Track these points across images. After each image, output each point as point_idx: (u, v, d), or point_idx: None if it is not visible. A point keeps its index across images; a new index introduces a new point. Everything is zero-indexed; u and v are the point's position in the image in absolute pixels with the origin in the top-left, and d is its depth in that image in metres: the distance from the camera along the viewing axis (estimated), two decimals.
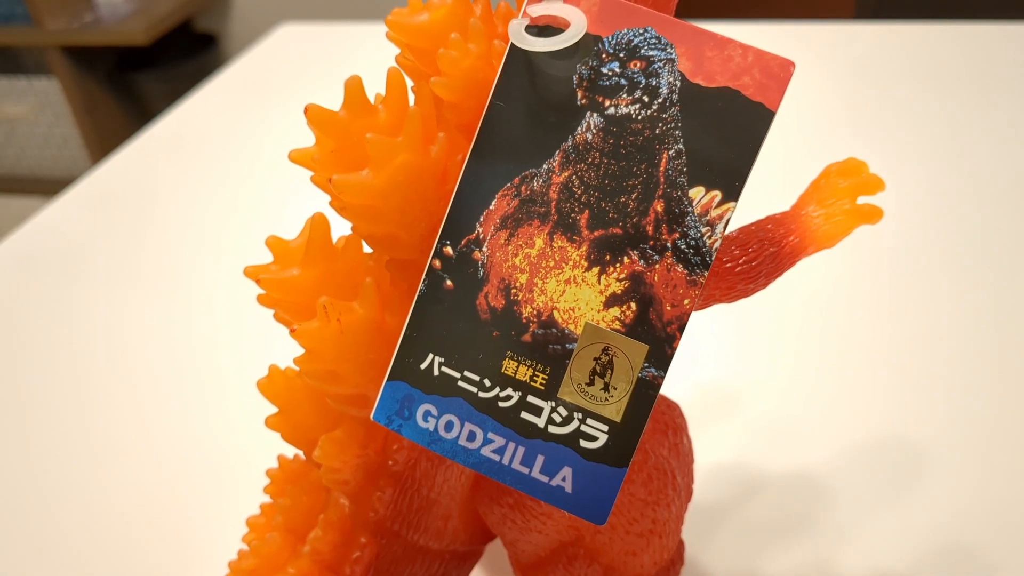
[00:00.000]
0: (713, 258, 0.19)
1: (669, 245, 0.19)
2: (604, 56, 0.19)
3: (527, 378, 0.20)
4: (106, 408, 0.43)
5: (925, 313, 0.44)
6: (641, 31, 0.19)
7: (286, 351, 0.24)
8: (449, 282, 0.20)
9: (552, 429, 0.20)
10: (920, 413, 0.38)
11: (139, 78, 1.44)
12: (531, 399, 0.20)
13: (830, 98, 0.64)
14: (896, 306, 0.44)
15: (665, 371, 0.20)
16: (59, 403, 0.44)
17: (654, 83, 0.19)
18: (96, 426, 0.42)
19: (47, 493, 0.39)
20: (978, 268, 0.46)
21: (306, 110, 0.20)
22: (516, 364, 0.20)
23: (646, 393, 0.20)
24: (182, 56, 1.46)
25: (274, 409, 0.24)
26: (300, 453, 0.26)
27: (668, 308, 0.20)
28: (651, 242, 0.20)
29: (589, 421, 0.20)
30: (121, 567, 0.35)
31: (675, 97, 0.19)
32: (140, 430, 0.42)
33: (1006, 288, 0.45)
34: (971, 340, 0.42)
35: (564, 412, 0.20)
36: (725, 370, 0.42)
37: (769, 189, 0.30)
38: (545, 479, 0.20)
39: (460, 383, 0.20)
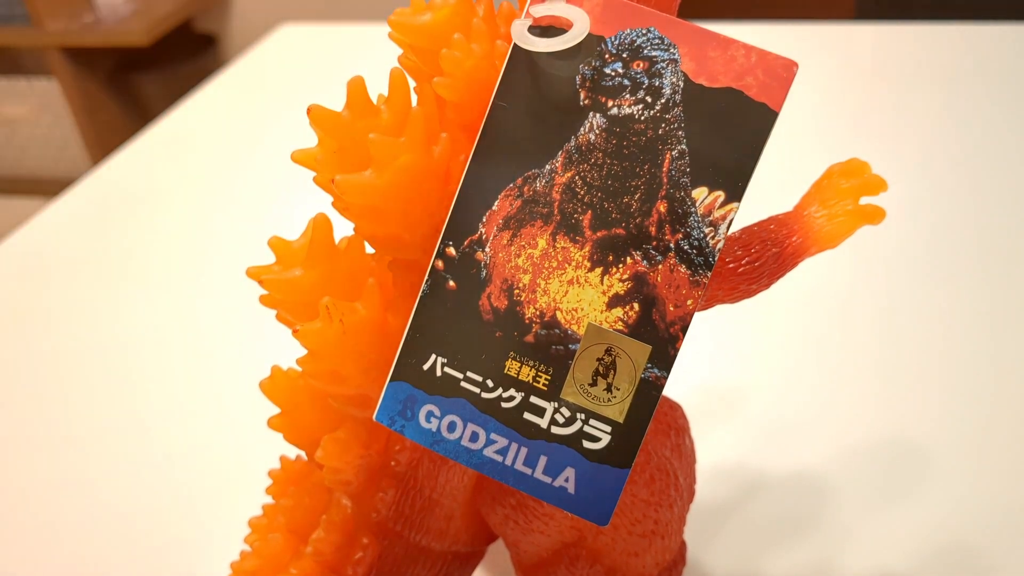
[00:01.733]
0: (716, 259, 0.19)
1: (672, 246, 0.19)
2: (607, 56, 0.19)
3: (530, 379, 0.20)
4: (107, 409, 0.43)
5: (927, 313, 0.44)
6: (644, 31, 0.19)
7: (288, 352, 0.23)
8: (452, 283, 0.20)
9: (555, 430, 0.20)
10: (921, 413, 0.38)
11: (139, 79, 1.44)
12: (534, 400, 0.20)
13: (832, 98, 0.64)
14: (898, 306, 0.44)
15: (668, 372, 0.20)
16: (60, 404, 0.44)
17: (657, 83, 0.19)
18: (97, 427, 0.42)
19: (48, 494, 0.39)
20: (979, 268, 0.46)
21: (309, 110, 0.20)
22: (519, 365, 0.20)
23: (649, 394, 0.20)
24: (182, 57, 1.46)
25: (276, 410, 0.24)
26: (302, 454, 0.26)
27: (671, 309, 0.20)
28: (654, 243, 0.20)
29: (592, 422, 0.20)
30: (123, 567, 0.35)
31: (678, 97, 0.19)
32: (142, 431, 0.42)
33: (1007, 288, 0.45)
34: (972, 340, 0.42)
35: (567, 413, 0.20)
36: (728, 371, 0.42)
37: (772, 190, 0.30)
38: (548, 480, 0.20)
39: (463, 384, 0.20)
